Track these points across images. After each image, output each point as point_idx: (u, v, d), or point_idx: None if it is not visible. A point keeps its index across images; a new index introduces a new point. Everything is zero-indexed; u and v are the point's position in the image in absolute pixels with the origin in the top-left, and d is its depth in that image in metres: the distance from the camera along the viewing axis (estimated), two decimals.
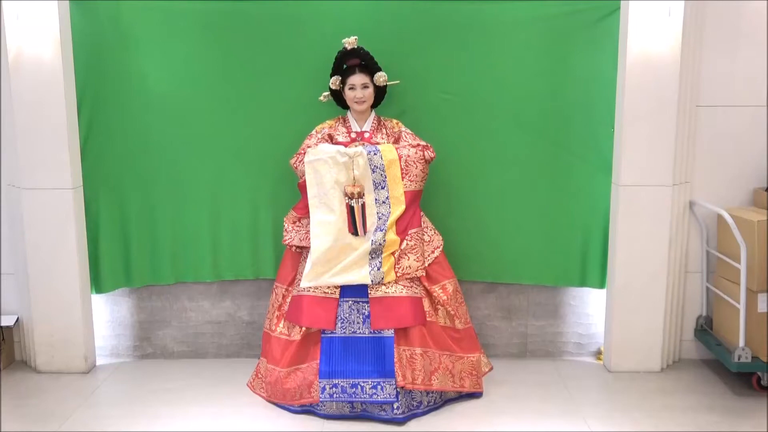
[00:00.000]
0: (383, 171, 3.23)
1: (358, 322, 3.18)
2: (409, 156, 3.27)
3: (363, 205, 3.22)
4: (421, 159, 3.30)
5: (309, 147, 3.32)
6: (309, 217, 3.27)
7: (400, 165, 3.25)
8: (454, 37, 3.52)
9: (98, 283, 3.72)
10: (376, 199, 3.24)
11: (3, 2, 3.36)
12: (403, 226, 3.26)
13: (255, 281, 3.80)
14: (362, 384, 3.09)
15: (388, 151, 3.25)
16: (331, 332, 3.17)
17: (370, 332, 3.15)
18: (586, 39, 3.49)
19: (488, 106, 3.57)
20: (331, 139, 3.39)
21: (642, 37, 3.37)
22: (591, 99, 3.55)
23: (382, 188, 3.24)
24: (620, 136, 3.48)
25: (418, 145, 3.34)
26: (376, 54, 3.37)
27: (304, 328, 3.21)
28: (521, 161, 3.62)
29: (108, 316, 3.86)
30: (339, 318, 3.18)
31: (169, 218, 3.69)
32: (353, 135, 3.40)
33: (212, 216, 3.69)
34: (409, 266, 3.22)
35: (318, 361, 3.13)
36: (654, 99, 3.42)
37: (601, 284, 3.70)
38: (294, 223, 3.39)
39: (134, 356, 3.88)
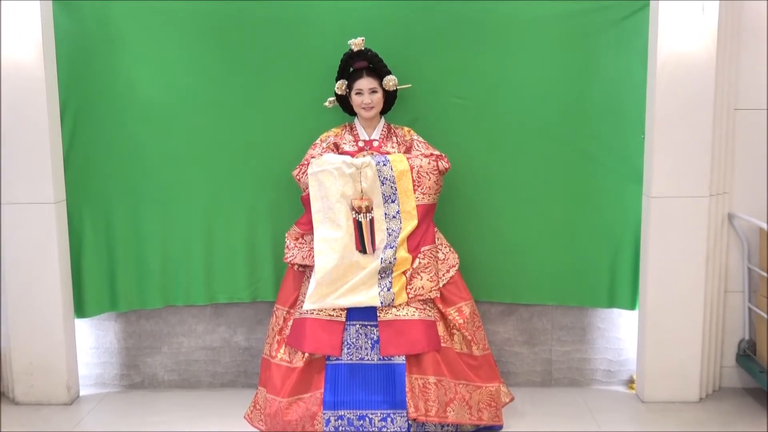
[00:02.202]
0: (393, 183, 3.23)
1: (366, 348, 3.18)
2: (421, 167, 3.27)
3: (371, 220, 3.22)
4: (435, 170, 3.30)
5: (313, 157, 3.32)
6: (313, 234, 3.26)
7: (412, 176, 3.25)
8: (469, 37, 3.52)
9: (81, 306, 3.71)
10: (385, 214, 3.24)
11: None
12: (415, 242, 3.26)
13: (252, 303, 3.79)
14: (370, 416, 3.09)
15: (398, 161, 3.25)
16: (337, 359, 3.16)
17: (380, 359, 3.15)
18: (613, 38, 3.48)
19: (506, 112, 3.57)
20: (336, 148, 3.39)
21: (673, 35, 3.36)
22: (619, 103, 3.54)
23: (393, 202, 3.25)
24: (651, 143, 3.46)
25: (432, 154, 3.34)
26: (384, 56, 3.37)
27: (306, 354, 3.20)
28: (543, 171, 3.61)
29: (93, 342, 3.84)
30: (345, 343, 3.18)
31: (158, 236, 3.68)
32: (361, 144, 3.41)
33: (206, 233, 3.68)
34: (422, 287, 3.22)
35: (322, 391, 3.13)
36: (688, 102, 3.41)
37: (632, 305, 3.69)
38: (297, 239, 3.40)
39: (121, 386, 3.87)
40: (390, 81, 3.38)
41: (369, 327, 3.20)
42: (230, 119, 3.61)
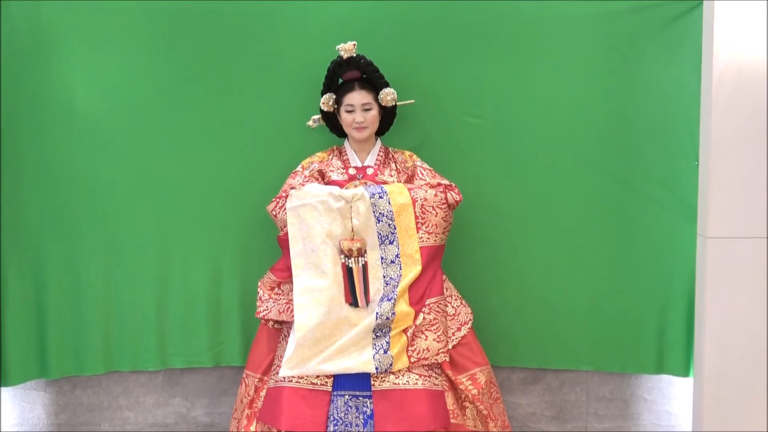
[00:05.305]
0: (392, 220, 3.22)
1: (357, 425, 3.16)
2: (426, 199, 3.26)
3: (364, 266, 3.21)
4: (443, 203, 3.28)
5: (292, 188, 3.31)
6: (292, 283, 3.25)
7: (415, 211, 3.24)
8: (486, 43, 3.54)
9: (3, 372, 3.62)
10: (382, 258, 3.23)
11: None
12: (418, 294, 3.25)
13: (216, 369, 3.78)
14: None
15: (398, 193, 3.24)
16: None
17: None
18: (660, 43, 3.49)
19: (531, 134, 3.58)
20: (322, 177, 3.40)
21: (733, 39, 3.31)
22: (667, 123, 3.54)
23: (391, 243, 3.23)
24: (707, 171, 3.38)
25: (439, 184, 3.33)
26: (381, 65, 3.36)
27: None
28: (575, 206, 3.61)
29: (16, 418, 3.82)
30: (331, 418, 3.16)
31: (100, 285, 3.66)
32: (352, 171, 3.41)
33: (158, 282, 3.67)
34: (428, 348, 3.20)
35: None
36: (751, 122, 3.33)
37: (686, 371, 3.64)
38: (272, 289, 3.38)
39: None
40: (388, 95, 3.37)
41: (361, 398, 3.19)
42: (190, 142, 3.61)
